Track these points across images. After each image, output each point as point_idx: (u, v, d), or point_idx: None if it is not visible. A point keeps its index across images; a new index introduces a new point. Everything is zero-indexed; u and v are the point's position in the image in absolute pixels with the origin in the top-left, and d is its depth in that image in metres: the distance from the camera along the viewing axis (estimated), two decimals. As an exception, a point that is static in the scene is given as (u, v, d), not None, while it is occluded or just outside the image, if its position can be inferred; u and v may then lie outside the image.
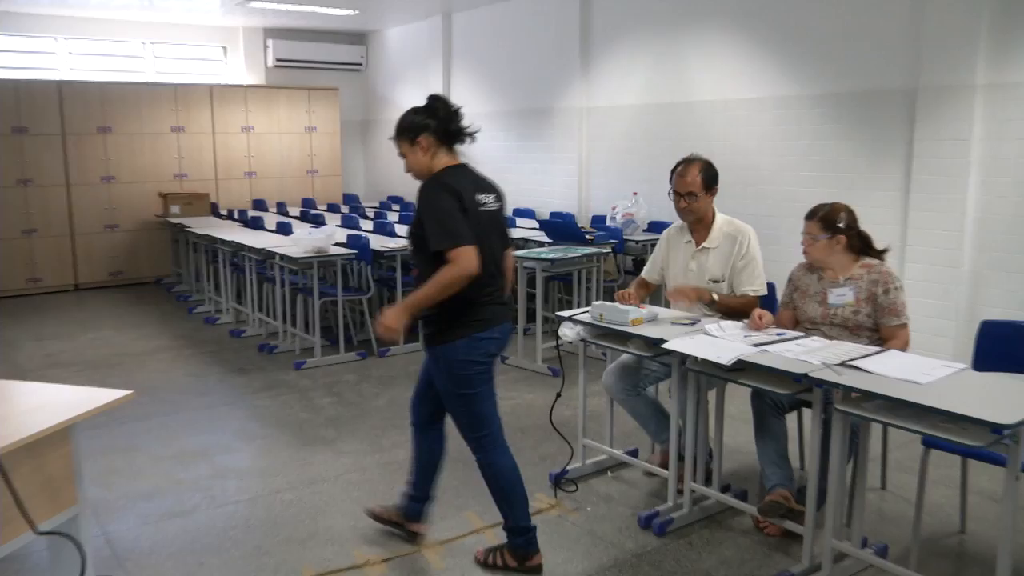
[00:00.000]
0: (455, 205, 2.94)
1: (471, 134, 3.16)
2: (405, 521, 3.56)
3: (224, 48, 11.18)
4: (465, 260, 2.87)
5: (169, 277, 9.90)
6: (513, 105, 9.33)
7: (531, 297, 6.08)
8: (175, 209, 9.48)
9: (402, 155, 3.15)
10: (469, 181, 3.09)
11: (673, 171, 3.90)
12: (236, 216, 9.22)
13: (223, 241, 7.37)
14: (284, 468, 4.30)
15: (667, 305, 4.06)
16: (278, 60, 11.12)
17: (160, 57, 10.84)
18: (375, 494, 3.97)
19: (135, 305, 8.67)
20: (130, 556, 3.41)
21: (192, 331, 7.44)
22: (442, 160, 3.11)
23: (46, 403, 2.69)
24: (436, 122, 3.08)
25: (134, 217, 9.78)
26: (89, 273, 9.63)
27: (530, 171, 9.14)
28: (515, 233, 7.33)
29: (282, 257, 6.32)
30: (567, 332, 3.84)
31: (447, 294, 2.91)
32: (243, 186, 10.50)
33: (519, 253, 6.08)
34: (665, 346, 3.35)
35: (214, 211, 9.77)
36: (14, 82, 9.21)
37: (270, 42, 11.11)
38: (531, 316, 6.11)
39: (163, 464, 4.38)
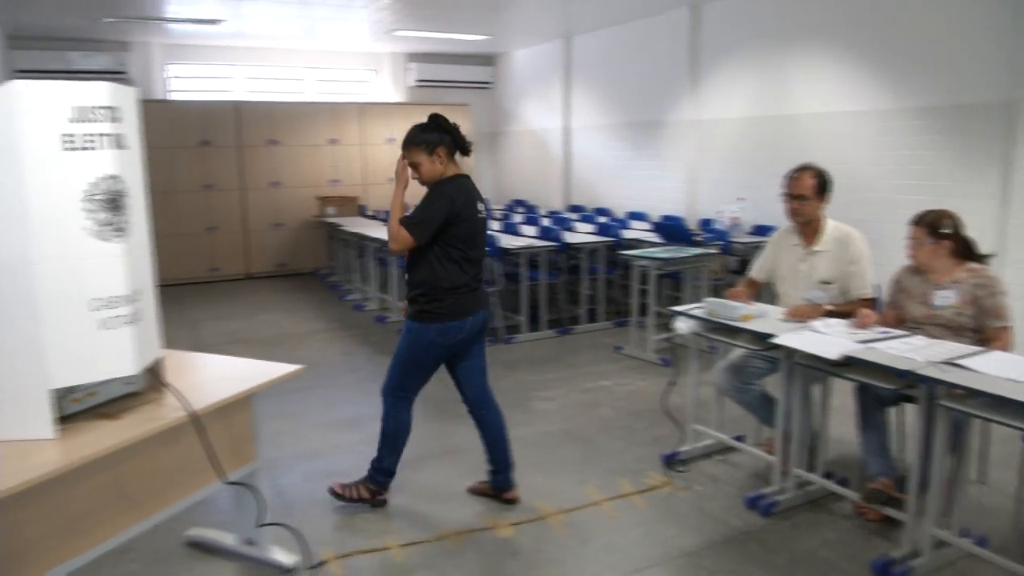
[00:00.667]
0: (442, 215, 3.18)
1: (471, 144, 3.40)
2: (498, 492, 3.62)
3: (373, 71, 11.51)
4: (400, 241, 3.21)
5: (324, 269, 10.25)
6: (627, 118, 9.23)
7: (642, 293, 6.00)
8: (330, 210, 9.82)
9: (415, 164, 3.29)
10: (468, 193, 3.28)
11: (787, 175, 3.78)
12: (381, 217, 9.46)
13: (370, 238, 7.59)
14: (426, 439, 4.39)
15: (773, 302, 3.94)
16: (418, 80, 11.36)
17: (320, 80, 11.25)
18: (504, 465, 4.01)
19: (296, 292, 9.03)
20: (296, 506, 3.56)
21: (343, 316, 7.69)
22: (451, 169, 3.31)
23: (232, 373, 2.84)
24: (449, 137, 3.28)
25: (296, 216, 10.18)
26: (259, 264, 10.10)
27: (642, 177, 9.03)
28: (628, 234, 7.26)
29: (423, 253, 6.44)
30: (681, 326, 3.77)
31: (389, 229, 3.26)
32: (386, 190, 10.71)
33: (634, 252, 6.03)
34: (775, 341, 3.26)
35: (362, 212, 10.06)
36: (201, 103, 9.77)
37: (412, 65, 11.35)
38: (642, 310, 6.03)
39: (322, 430, 4.54)
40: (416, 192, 3.25)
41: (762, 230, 6.80)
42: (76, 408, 2.27)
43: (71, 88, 2.02)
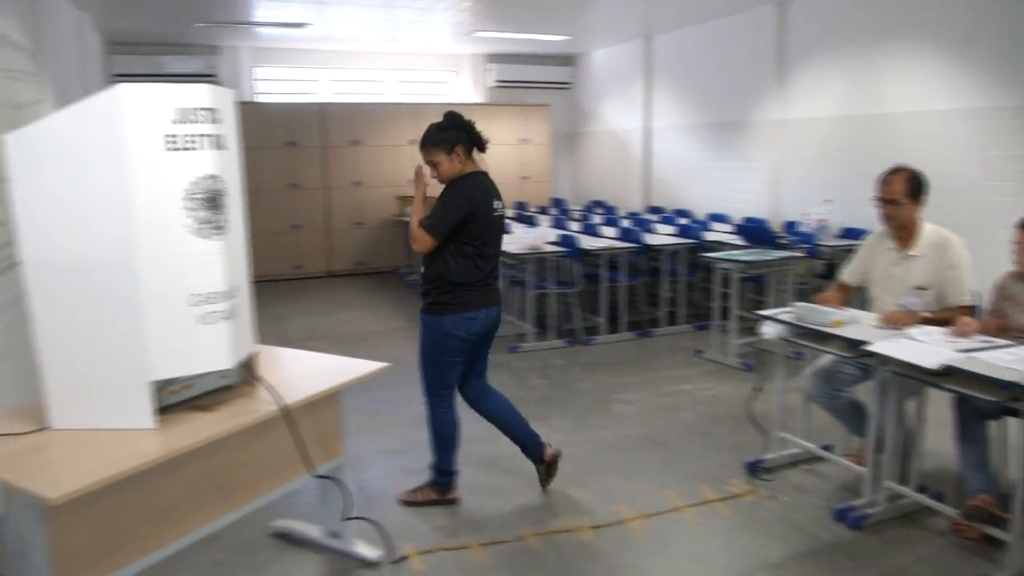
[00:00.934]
0: (460, 213, 3.24)
1: (487, 141, 3.44)
2: (539, 461, 3.69)
3: (454, 72, 11.61)
4: (422, 243, 3.27)
5: (403, 268, 10.38)
6: (709, 118, 9.07)
7: (723, 296, 5.88)
8: (409, 209, 9.92)
9: (433, 163, 3.34)
10: (486, 190, 3.34)
11: (880, 178, 3.63)
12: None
13: (451, 238, 7.63)
14: (503, 438, 4.32)
15: (865, 307, 3.80)
16: (498, 81, 11.40)
17: (401, 81, 11.42)
18: (583, 467, 3.98)
19: (376, 290, 9.18)
20: (378, 501, 3.61)
21: (423, 315, 7.76)
22: (468, 166, 3.37)
23: (321, 369, 2.90)
24: (466, 135, 3.33)
25: (376, 216, 10.35)
26: (340, 262, 10.31)
27: (723, 178, 8.85)
28: (710, 236, 7.12)
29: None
30: (769, 330, 3.66)
31: (411, 231, 3.32)
32: (466, 191, 10.83)
33: (715, 255, 5.91)
34: (870, 348, 3.13)
35: (442, 212, 10.14)
36: (287, 105, 10.03)
37: (491, 66, 11.41)
38: (724, 314, 5.91)
39: (402, 427, 4.60)
40: (437, 187, 3.33)
41: (851, 233, 6.57)
42: (173, 400, 2.35)
43: (174, 90, 2.09)
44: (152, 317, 2.12)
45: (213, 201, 2.16)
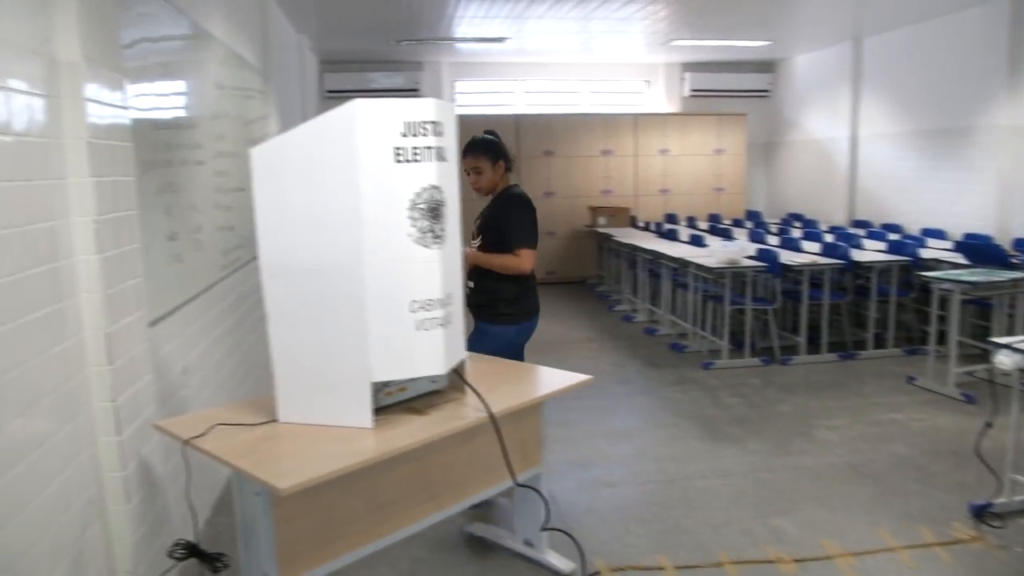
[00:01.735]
0: (533, 217, 3.49)
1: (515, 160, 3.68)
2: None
3: (647, 81, 11.51)
4: (527, 260, 3.42)
5: (593, 278, 10.39)
6: (924, 124, 8.38)
7: (940, 319, 5.38)
8: (601, 220, 9.93)
9: (477, 170, 3.50)
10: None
11: None
12: (652, 228, 9.41)
13: (643, 250, 7.56)
14: (696, 457, 4.26)
15: None
16: (693, 90, 11.18)
17: (594, 92, 11.47)
18: (783, 494, 3.77)
19: (566, 300, 9.24)
20: (571, 514, 3.60)
21: (612, 326, 7.73)
22: (507, 179, 3.59)
23: (525, 378, 2.94)
24: (505, 151, 3.58)
25: (567, 226, 10.43)
26: (529, 271, 10.46)
27: (940, 191, 8.14)
28: (925, 253, 6.56)
29: (697, 266, 6.30)
30: (1005, 360, 3.30)
31: (500, 271, 3.43)
32: (658, 201, 10.70)
33: (934, 274, 5.42)
34: None
35: (633, 223, 10.07)
36: (485, 117, 10.31)
37: (687, 75, 11.19)
38: (941, 339, 5.41)
39: (594, 439, 4.57)
40: (471, 198, 3.32)
41: (1099, 253, 5.83)
42: (388, 401, 2.46)
43: (403, 105, 2.18)
44: (376, 321, 2.23)
45: (434, 211, 2.24)
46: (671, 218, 10.23)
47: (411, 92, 10.56)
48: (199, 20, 3.97)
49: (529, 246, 3.44)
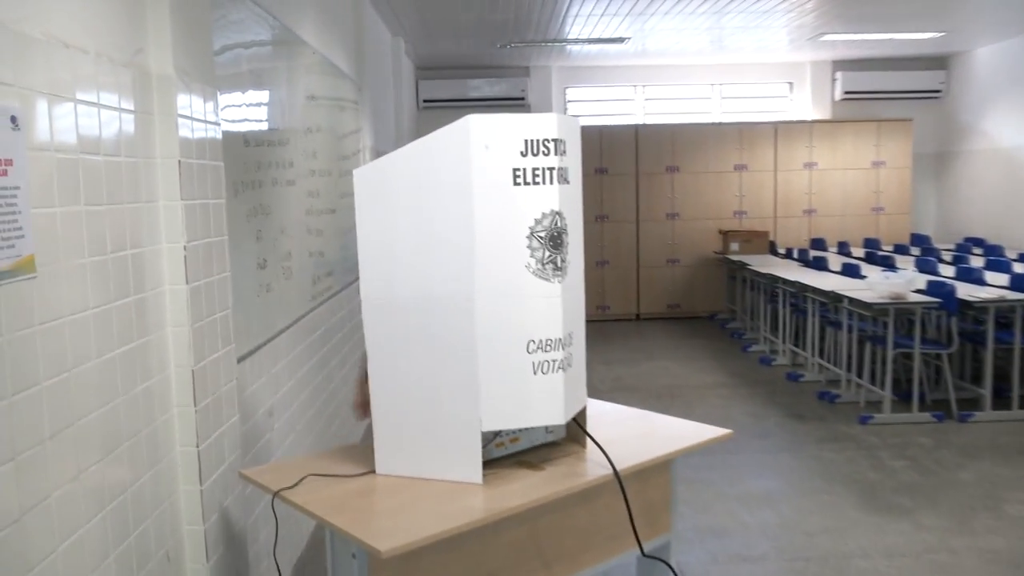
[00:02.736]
0: None
1: None
2: None
3: (790, 84, 11.33)
4: None
5: (723, 313, 10.25)
6: None
7: None
8: (734, 246, 9.79)
9: None
10: None
11: None
12: (795, 255, 9.21)
13: (785, 281, 7.40)
14: (854, 531, 4.12)
15: None
16: (846, 93, 10.93)
17: (727, 97, 11.38)
18: (966, 581, 3.60)
19: (690, 338, 9.14)
20: (703, 593, 3.55)
21: (746, 369, 7.59)
22: None
23: (652, 430, 2.92)
24: None
25: (693, 252, 10.35)
26: (649, 304, 10.42)
27: None
28: None
29: (852, 301, 6.12)
30: None
31: None
32: (801, 224, 10.48)
33: None
34: None
35: (772, 250, 9.89)
36: (599, 127, 10.41)
37: (839, 75, 10.97)
38: None
39: (728, 503, 4.49)
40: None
41: None
42: (499, 453, 2.49)
43: (522, 121, 2.23)
44: (488, 362, 2.27)
45: (555, 240, 2.27)
46: (818, 243, 9.99)
47: (516, 101, 10.75)
48: (290, 24, 4.16)
49: None
